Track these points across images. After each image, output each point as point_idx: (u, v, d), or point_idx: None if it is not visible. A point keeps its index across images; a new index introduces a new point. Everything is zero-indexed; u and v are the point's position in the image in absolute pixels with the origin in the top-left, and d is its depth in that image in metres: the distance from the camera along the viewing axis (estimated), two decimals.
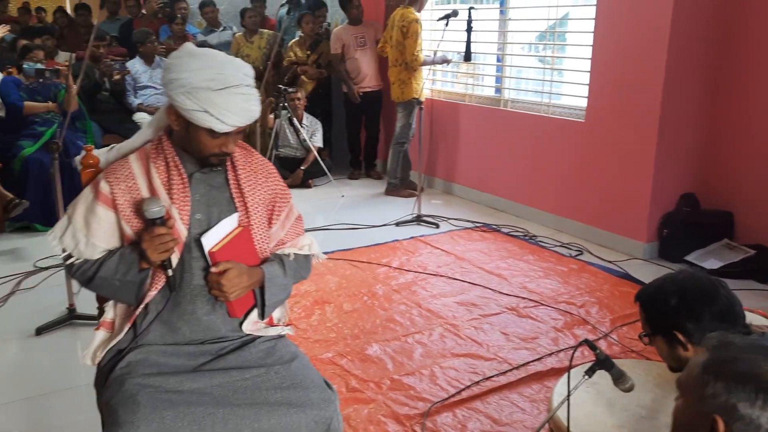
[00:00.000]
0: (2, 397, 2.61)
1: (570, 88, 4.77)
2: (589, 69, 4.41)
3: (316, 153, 5.93)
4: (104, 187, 1.62)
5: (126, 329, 1.66)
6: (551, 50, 4.99)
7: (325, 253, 4.16)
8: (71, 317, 3.22)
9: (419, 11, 5.33)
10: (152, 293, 1.63)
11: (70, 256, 1.63)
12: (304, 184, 6.00)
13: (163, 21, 7.07)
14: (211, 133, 1.58)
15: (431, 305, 3.45)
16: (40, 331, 3.13)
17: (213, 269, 1.61)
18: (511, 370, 2.81)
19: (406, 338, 3.08)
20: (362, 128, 6.41)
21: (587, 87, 4.45)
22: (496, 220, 4.98)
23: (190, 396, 1.52)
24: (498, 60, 5.43)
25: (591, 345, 1.61)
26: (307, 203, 5.52)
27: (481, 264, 4.05)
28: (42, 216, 4.55)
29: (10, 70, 5.04)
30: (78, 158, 1.77)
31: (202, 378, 1.58)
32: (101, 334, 1.71)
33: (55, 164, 3.30)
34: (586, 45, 4.46)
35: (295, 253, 1.81)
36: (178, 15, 6.70)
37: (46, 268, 3.92)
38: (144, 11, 7.49)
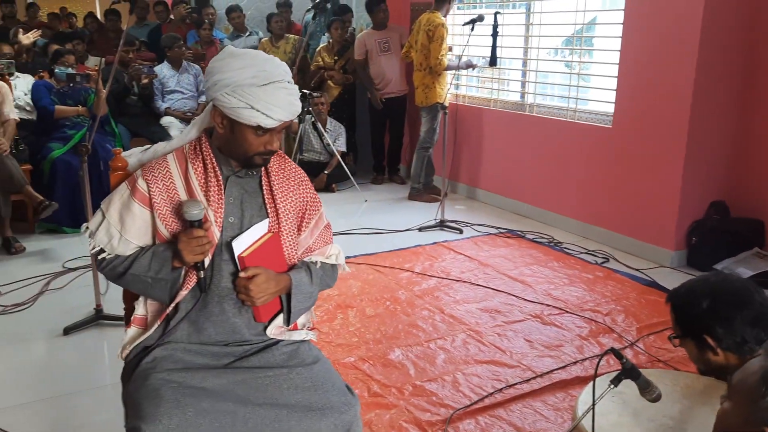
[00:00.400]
0: (30, 395, 2.65)
1: (596, 94, 4.72)
2: (616, 74, 4.37)
3: (339, 157, 5.95)
4: (142, 184, 1.64)
5: (156, 326, 1.67)
6: (578, 55, 4.94)
7: (347, 257, 4.17)
8: (98, 317, 3.26)
9: (445, 16, 5.32)
10: (183, 293, 1.64)
11: (102, 251, 1.65)
12: (327, 188, 6.02)
13: (190, 26, 7.16)
14: (258, 130, 1.59)
15: (454, 311, 3.43)
16: (67, 330, 3.17)
17: (242, 274, 1.62)
18: (534, 377, 2.78)
19: (428, 344, 3.07)
20: (386, 133, 6.42)
21: (614, 92, 4.40)
22: (521, 226, 4.94)
23: (212, 393, 1.53)
24: (524, 65, 5.40)
25: (617, 354, 1.58)
26: (330, 207, 5.53)
27: (504, 270, 4.02)
28: (70, 218, 4.62)
29: (41, 74, 5.14)
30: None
31: (225, 375, 1.59)
32: (133, 331, 1.71)
33: (84, 167, 3.35)
34: (613, 50, 4.41)
35: (321, 262, 1.81)
36: (206, 20, 6.79)
37: (75, 269, 3.98)
38: (172, 17, 7.60)
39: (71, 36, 6.69)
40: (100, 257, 1.66)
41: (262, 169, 1.72)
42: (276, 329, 1.74)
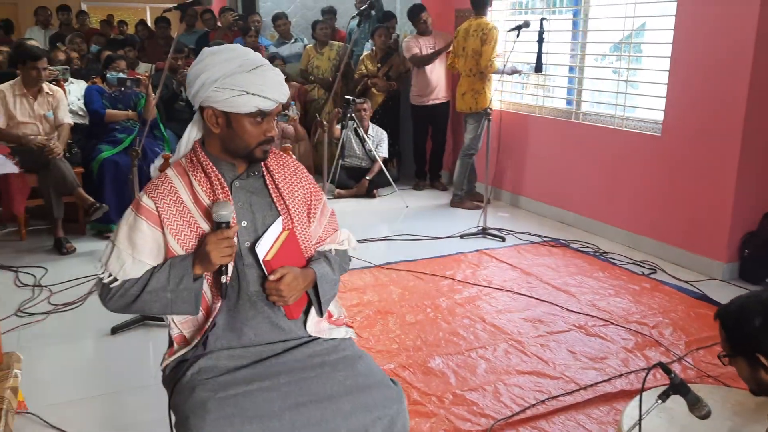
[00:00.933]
0: (80, 392, 2.72)
1: (646, 101, 4.61)
2: (666, 81, 4.26)
3: (381, 163, 5.96)
4: (148, 202, 1.63)
5: (196, 341, 1.68)
6: (626, 62, 4.85)
7: (388, 263, 4.16)
8: (144, 318, 3.33)
9: None
10: (218, 305, 1.65)
11: (115, 280, 1.61)
12: (369, 194, 6.04)
13: (237, 33, 7.29)
14: (256, 117, 1.60)
15: (496, 320, 3.39)
16: (115, 330, 3.25)
17: (271, 277, 1.63)
18: (578, 390, 2.72)
19: (469, 353, 3.04)
20: (428, 139, 6.41)
21: (664, 100, 4.30)
22: (565, 235, 4.86)
23: (257, 398, 1.54)
24: (570, 71, 5.33)
25: (665, 368, 1.54)
26: (371, 213, 5.56)
27: (548, 279, 3.96)
28: (119, 218, 4.73)
29: (94, 79, 5.30)
30: (155, 165, 1.83)
31: (269, 377, 1.60)
32: (175, 347, 1.73)
33: (133, 170, 3.44)
34: (663, 57, 4.32)
35: (335, 249, 1.85)
36: (252, 27, 6.90)
37: None
38: (219, 24, 7.75)
39: (123, 43, 6.89)
40: (106, 287, 1.62)
41: (263, 167, 1.73)
42: (315, 325, 1.76)
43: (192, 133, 1.72)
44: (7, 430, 2.19)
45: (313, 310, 1.77)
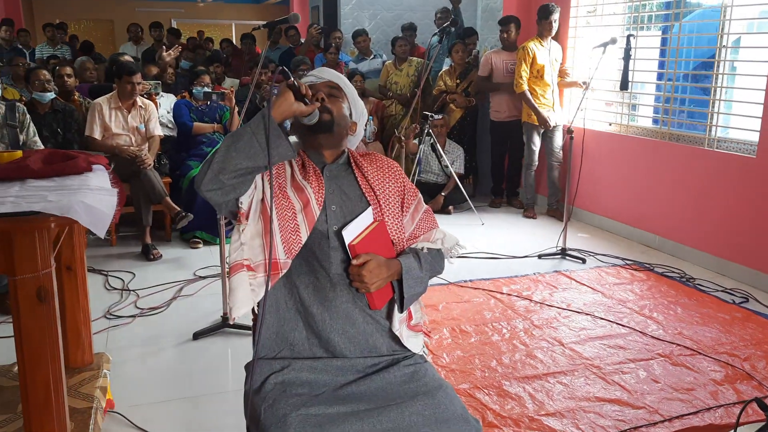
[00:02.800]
0: (162, 395, 2.81)
1: (739, 121, 4.40)
2: (762, 101, 4.05)
3: (457, 179, 5.93)
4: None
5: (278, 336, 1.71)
6: (719, 80, 4.64)
7: (464, 281, 4.10)
8: (224, 325, 3.42)
9: (546, 37, 5.62)
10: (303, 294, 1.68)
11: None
12: (444, 209, 6.01)
13: (319, 49, 7.45)
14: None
15: (575, 345, 3.29)
16: (196, 336, 3.35)
17: (354, 261, 1.64)
18: (663, 421, 2.60)
19: (546, 377, 2.95)
20: (506, 156, 6.34)
21: (759, 120, 4.08)
22: (649, 259, 4.68)
23: (336, 421, 1.53)
24: (658, 89, 5.15)
25: (762, 404, 1.45)
26: (446, 229, 5.49)
27: (631, 305, 3.81)
28: (207, 228, 4.91)
29: (183, 93, 5.53)
30: None
31: (349, 402, 1.60)
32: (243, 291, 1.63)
33: None
34: (759, 75, 4.11)
35: (428, 248, 1.83)
36: (332, 44, 7.03)
37: (204, 278, 4.21)
38: (303, 40, 7.95)
39: (211, 59, 7.19)
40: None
41: (353, 164, 1.79)
42: (398, 324, 1.76)
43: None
44: (96, 428, 2.29)
45: (396, 313, 1.76)
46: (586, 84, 4.89)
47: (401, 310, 1.77)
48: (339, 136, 1.77)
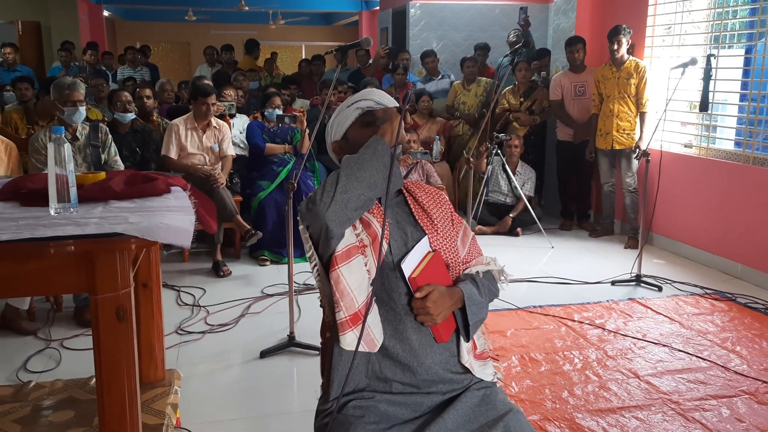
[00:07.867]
0: (229, 413, 2.84)
1: None
2: None
3: (526, 201, 5.82)
4: None
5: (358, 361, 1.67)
6: None
7: (533, 306, 4.01)
8: (290, 344, 3.44)
9: (614, 59, 5.48)
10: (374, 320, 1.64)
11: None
12: (512, 232, 5.90)
13: (387, 70, 7.50)
14: (363, 120, 1.71)
15: (652, 377, 3.14)
16: (263, 354, 3.38)
17: (417, 294, 1.61)
18: None
19: (621, 411, 2.82)
20: (575, 177, 6.19)
21: None
22: (731, 288, 4.44)
23: None
24: (740, 111, 4.92)
25: None
26: (514, 252, 5.41)
27: (711, 337, 3.62)
28: (275, 247, 4.99)
29: (255, 114, 5.66)
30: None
31: (423, 428, 1.57)
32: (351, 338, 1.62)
33: (289, 203, 3.58)
34: None
35: (482, 272, 1.80)
36: (400, 65, 7.07)
37: (272, 296, 4.26)
38: (371, 61, 8.03)
39: (285, 82, 7.36)
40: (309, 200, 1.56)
41: (404, 192, 1.78)
42: (466, 354, 1.72)
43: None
44: None
45: (463, 343, 1.72)
46: (640, 150, 4.83)
47: (467, 339, 1.73)
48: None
